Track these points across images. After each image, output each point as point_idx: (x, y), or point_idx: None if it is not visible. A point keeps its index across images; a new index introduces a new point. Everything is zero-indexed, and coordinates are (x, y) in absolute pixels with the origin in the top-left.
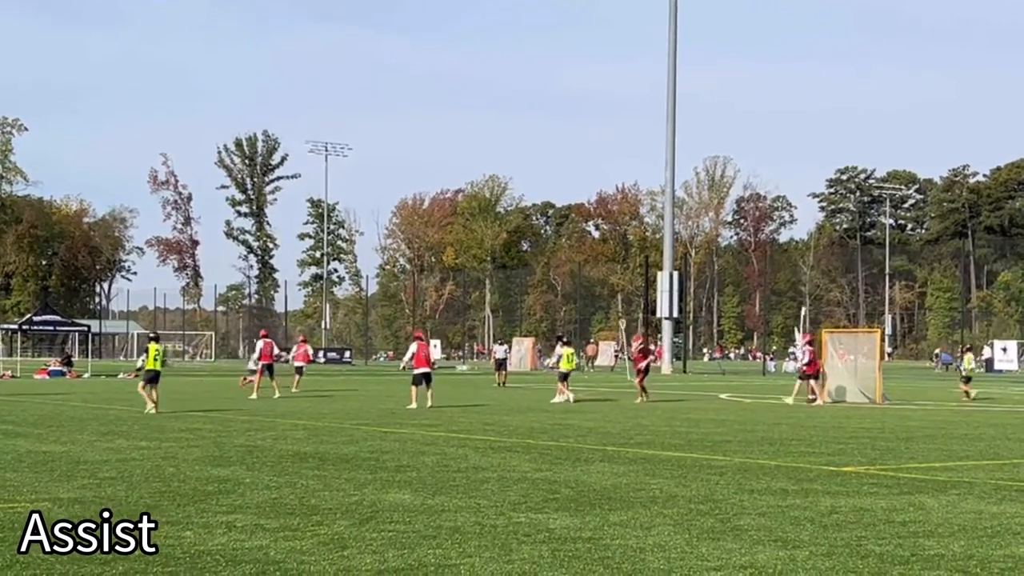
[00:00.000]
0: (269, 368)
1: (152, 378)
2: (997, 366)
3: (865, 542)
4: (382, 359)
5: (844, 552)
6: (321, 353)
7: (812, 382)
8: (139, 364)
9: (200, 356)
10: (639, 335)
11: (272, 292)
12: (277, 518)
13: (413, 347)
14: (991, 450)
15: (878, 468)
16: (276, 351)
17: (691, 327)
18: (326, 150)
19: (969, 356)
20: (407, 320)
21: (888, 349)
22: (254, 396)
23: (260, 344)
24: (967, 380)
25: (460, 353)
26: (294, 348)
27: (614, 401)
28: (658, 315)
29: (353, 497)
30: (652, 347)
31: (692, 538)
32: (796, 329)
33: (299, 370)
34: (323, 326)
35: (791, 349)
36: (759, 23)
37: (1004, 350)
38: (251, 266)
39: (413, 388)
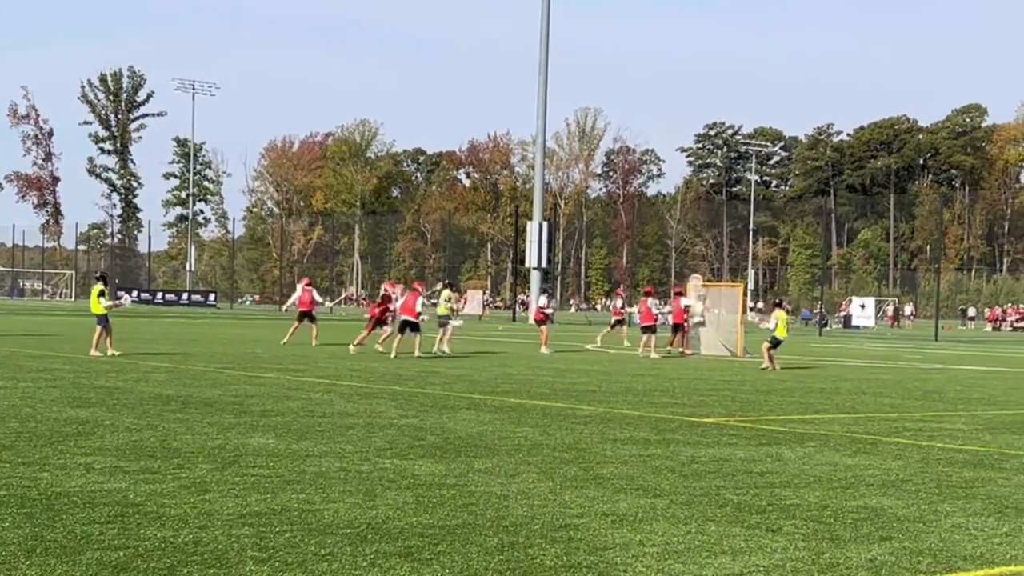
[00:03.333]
0: (309, 316)
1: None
2: (855, 322)
3: (724, 491)
4: (248, 302)
5: (703, 501)
6: (185, 296)
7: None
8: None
9: (59, 295)
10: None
11: (136, 232)
12: (137, 461)
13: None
14: (847, 404)
15: (738, 420)
16: (317, 297)
17: (559, 278)
18: (193, 88)
19: (779, 314)
20: (274, 264)
21: (751, 304)
22: (379, 347)
23: (299, 290)
24: (774, 344)
25: (328, 299)
26: (298, 289)
27: (502, 353)
28: (527, 265)
29: (216, 441)
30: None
31: (556, 486)
32: (695, 276)
33: (310, 317)
34: (188, 268)
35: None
36: None
37: (862, 306)
38: (114, 205)
39: (397, 335)
